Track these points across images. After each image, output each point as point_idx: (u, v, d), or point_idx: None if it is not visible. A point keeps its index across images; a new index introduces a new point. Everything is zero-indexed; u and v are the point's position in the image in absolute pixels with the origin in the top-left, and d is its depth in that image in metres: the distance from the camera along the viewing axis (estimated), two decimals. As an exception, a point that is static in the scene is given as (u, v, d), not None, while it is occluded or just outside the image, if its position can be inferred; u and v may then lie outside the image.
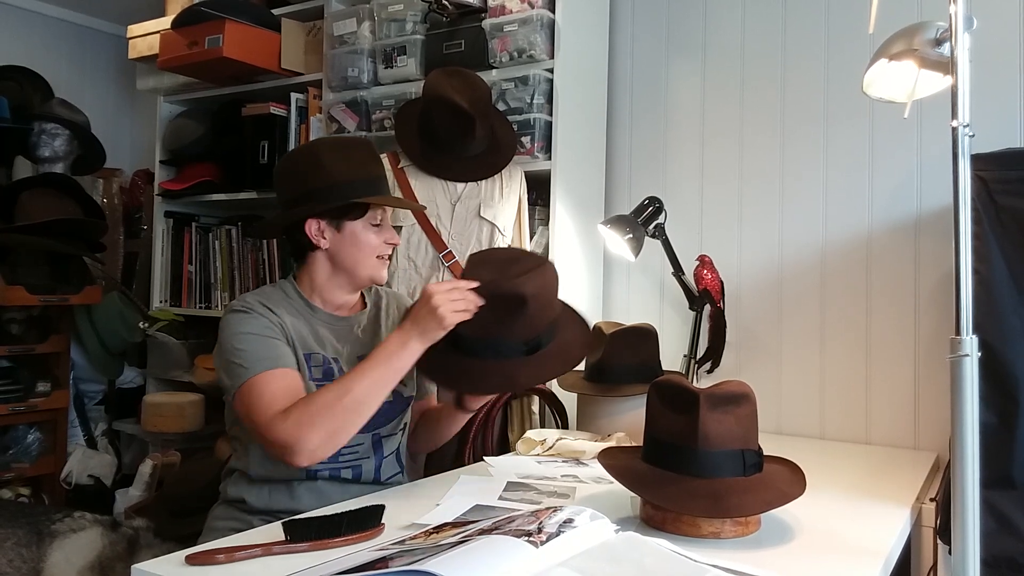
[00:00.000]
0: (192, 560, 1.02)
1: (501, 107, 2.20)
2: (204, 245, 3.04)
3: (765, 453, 1.24)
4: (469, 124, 2.01)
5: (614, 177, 2.48)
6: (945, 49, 1.21)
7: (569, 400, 2.03)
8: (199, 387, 2.92)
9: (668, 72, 2.42)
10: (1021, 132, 1.91)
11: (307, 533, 1.08)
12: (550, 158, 2.18)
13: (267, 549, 1.05)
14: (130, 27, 3.01)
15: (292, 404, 1.32)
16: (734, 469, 1.17)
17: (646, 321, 1.93)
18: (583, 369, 1.93)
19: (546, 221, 2.23)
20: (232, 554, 1.03)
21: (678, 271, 2.13)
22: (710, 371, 2.18)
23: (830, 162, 2.17)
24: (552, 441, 1.76)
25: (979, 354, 1.00)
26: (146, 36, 2.96)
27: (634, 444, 1.73)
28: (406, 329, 1.35)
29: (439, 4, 2.24)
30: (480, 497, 1.35)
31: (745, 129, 2.30)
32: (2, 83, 3.10)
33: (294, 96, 2.73)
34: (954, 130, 1.02)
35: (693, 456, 1.17)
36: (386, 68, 2.42)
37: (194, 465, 2.76)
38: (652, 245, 2.13)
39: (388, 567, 0.89)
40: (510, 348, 1.40)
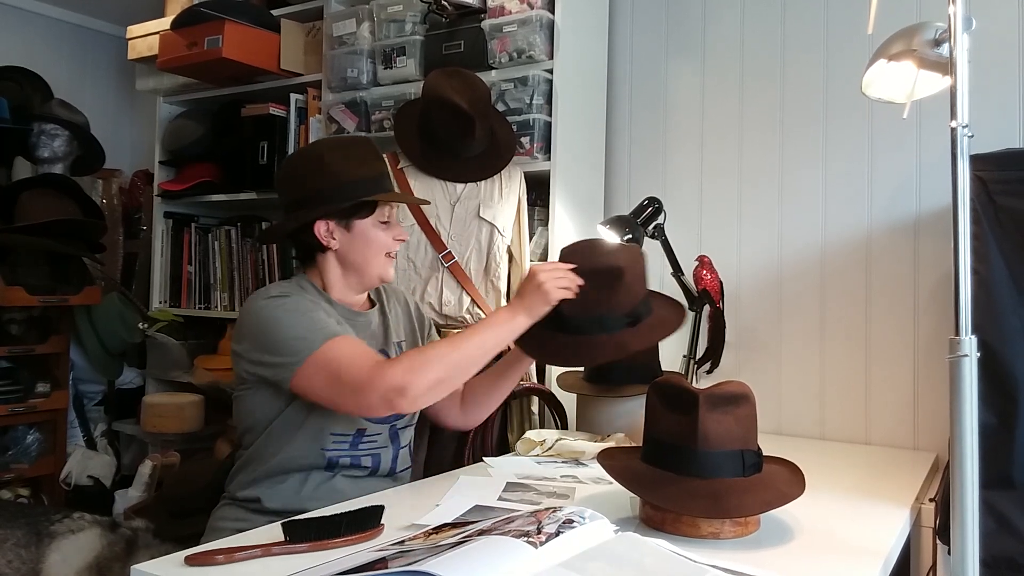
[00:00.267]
0: (191, 561, 1.01)
1: (500, 108, 2.20)
2: (204, 246, 3.04)
3: (765, 453, 1.24)
4: (469, 125, 2.01)
5: (613, 177, 2.48)
6: (944, 50, 1.21)
7: (569, 400, 2.03)
8: (199, 388, 2.92)
9: (667, 72, 2.42)
10: (1020, 132, 1.91)
11: (307, 534, 1.08)
12: (549, 159, 2.18)
13: (267, 550, 1.05)
14: (130, 28, 3.02)
15: (398, 356, 1.44)
16: (734, 469, 1.17)
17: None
18: (582, 369, 1.93)
19: (545, 222, 2.23)
20: (232, 555, 1.03)
21: (677, 271, 2.13)
22: (709, 371, 2.18)
23: (829, 162, 2.17)
24: (552, 441, 1.76)
25: (978, 354, 1.00)
26: (146, 37, 2.96)
27: (634, 444, 1.73)
28: (514, 305, 1.44)
29: (438, 5, 2.24)
30: (480, 497, 1.35)
31: (744, 129, 2.30)
32: (2, 83, 3.10)
33: (294, 97, 2.73)
34: (953, 130, 1.02)
35: (693, 456, 1.17)
36: (385, 69, 2.42)
37: (194, 466, 2.76)
38: (651, 245, 2.13)
39: (388, 567, 0.89)
40: (614, 322, 1.47)
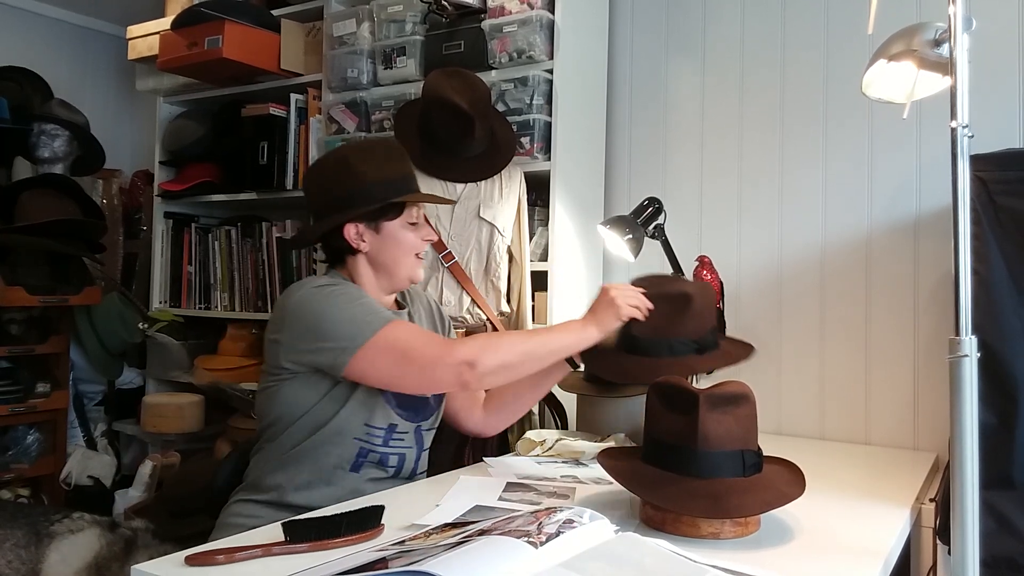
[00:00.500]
0: (192, 561, 1.01)
1: (500, 108, 2.20)
2: (204, 246, 3.04)
3: (765, 453, 1.24)
4: (469, 125, 2.01)
5: (613, 177, 2.48)
6: (944, 50, 1.21)
7: (569, 401, 2.02)
8: (199, 388, 2.92)
9: (667, 72, 2.42)
10: (1020, 133, 1.91)
11: (307, 534, 1.08)
12: (549, 159, 2.18)
13: (267, 550, 1.05)
14: (130, 28, 3.02)
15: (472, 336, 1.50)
16: (734, 470, 1.17)
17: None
18: (583, 368, 1.93)
19: (546, 222, 2.23)
20: (232, 555, 1.03)
21: (678, 272, 2.13)
22: (709, 372, 2.18)
23: (829, 162, 2.18)
24: (552, 442, 1.76)
25: (978, 354, 1.00)
26: (146, 37, 2.96)
27: (634, 445, 1.73)
28: (586, 319, 1.49)
29: (439, 5, 2.24)
30: (480, 497, 1.35)
31: (745, 129, 2.30)
32: (2, 83, 3.10)
33: (294, 97, 2.73)
34: (953, 131, 1.02)
35: (693, 457, 1.17)
36: (386, 69, 2.42)
37: (194, 466, 2.76)
38: (652, 246, 2.13)
39: (388, 567, 0.89)
40: (683, 346, 1.51)
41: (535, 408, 2.10)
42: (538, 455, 1.74)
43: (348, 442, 1.45)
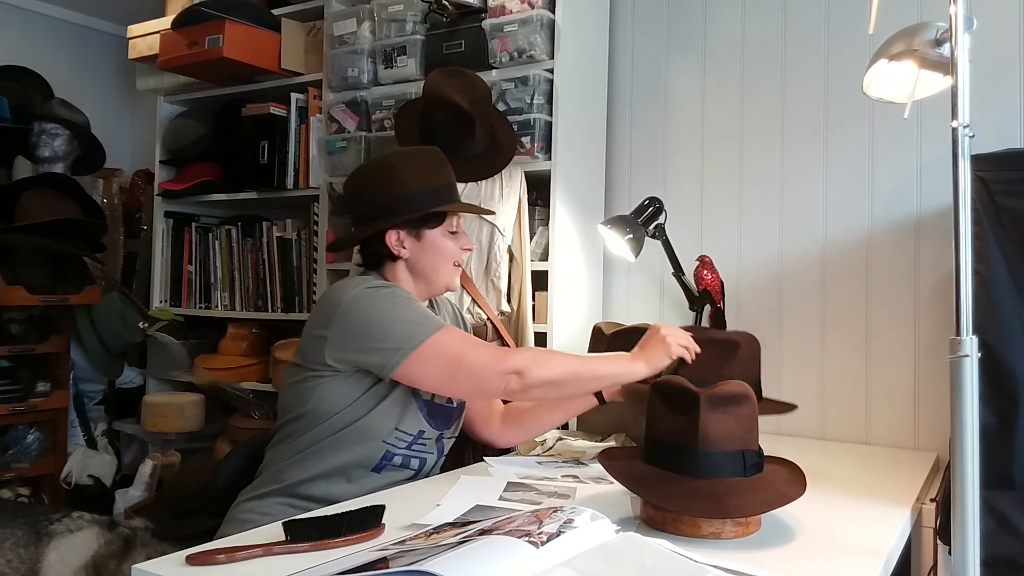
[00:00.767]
0: (192, 560, 1.01)
1: (501, 107, 2.20)
2: (204, 245, 3.04)
3: (765, 453, 1.24)
4: (469, 124, 2.01)
5: (614, 177, 2.48)
6: (945, 49, 1.21)
7: (569, 400, 2.02)
8: (199, 387, 2.92)
9: (668, 73, 2.42)
10: (1021, 132, 1.91)
11: (307, 533, 1.08)
12: (550, 158, 2.18)
13: (267, 549, 1.05)
14: (130, 27, 3.02)
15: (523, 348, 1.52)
16: (734, 469, 1.17)
17: (646, 321, 1.93)
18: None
19: (546, 221, 2.23)
20: (232, 554, 1.03)
21: (678, 271, 2.13)
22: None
23: (830, 162, 2.17)
24: (552, 441, 1.76)
25: (979, 354, 1.00)
26: (146, 36, 2.96)
27: (634, 445, 1.73)
28: (635, 354, 1.51)
29: (439, 4, 2.24)
30: (480, 497, 1.35)
31: (745, 129, 2.30)
32: (2, 83, 3.10)
33: (294, 96, 2.73)
34: (954, 131, 1.02)
35: (693, 456, 1.17)
36: (386, 68, 2.42)
37: (194, 465, 2.76)
38: (652, 245, 2.13)
39: (388, 567, 0.89)
40: None
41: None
42: (539, 455, 1.74)
43: (375, 444, 1.46)
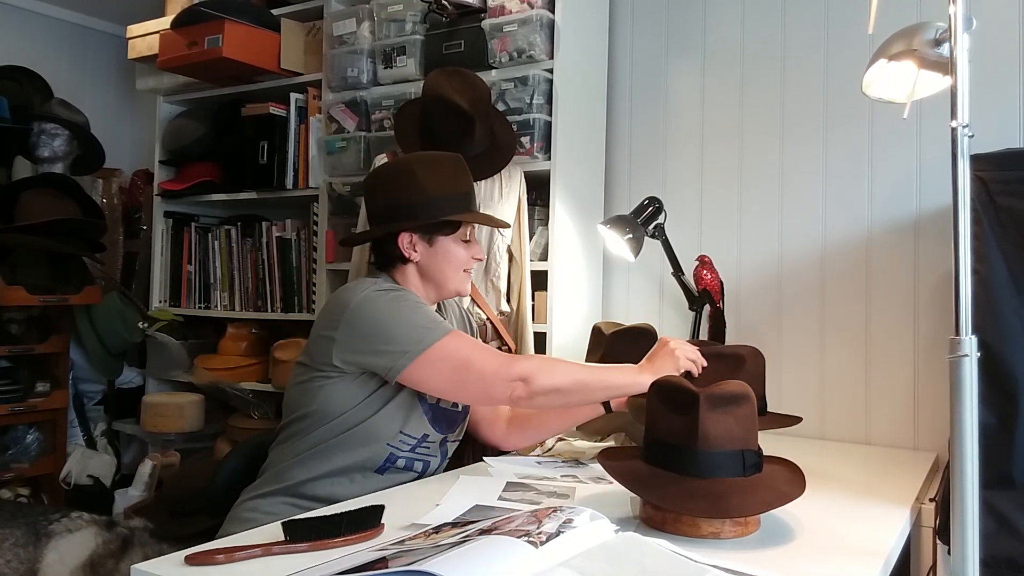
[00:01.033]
0: (192, 560, 1.01)
1: (501, 107, 2.20)
2: (203, 245, 3.04)
3: (765, 453, 1.24)
4: (469, 124, 2.01)
5: (614, 177, 2.48)
6: (944, 49, 1.21)
7: (569, 400, 2.02)
8: (199, 387, 2.92)
9: (668, 72, 2.42)
10: (1021, 132, 1.91)
11: (307, 533, 1.08)
12: (550, 158, 2.18)
13: (267, 549, 1.05)
14: (130, 27, 3.02)
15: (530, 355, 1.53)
16: (734, 469, 1.17)
17: (646, 321, 1.93)
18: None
19: (546, 221, 2.23)
20: (232, 554, 1.03)
21: (678, 271, 2.13)
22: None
23: (829, 162, 2.17)
24: (552, 441, 1.76)
25: (979, 354, 1.00)
26: (146, 36, 2.96)
27: (634, 445, 1.73)
28: (643, 366, 1.51)
29: (439, 4, 2.24)
30: (480, 497, 1.35)
31: (745, 129, 2.30)
32: (2, 83, 3.10)
33: (294, 96, 2.73)
34: (953, 130, 1.02)
35: (693, 456, 1.17)
36: (386, 68, 2.42)
37: (194, 466, 2.76)
38: (652, 245, 2.13)
39: (388, 567, 0.89)
40: None
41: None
42: (538, 455, 1.74)
43: (379, 446, 1.46)
